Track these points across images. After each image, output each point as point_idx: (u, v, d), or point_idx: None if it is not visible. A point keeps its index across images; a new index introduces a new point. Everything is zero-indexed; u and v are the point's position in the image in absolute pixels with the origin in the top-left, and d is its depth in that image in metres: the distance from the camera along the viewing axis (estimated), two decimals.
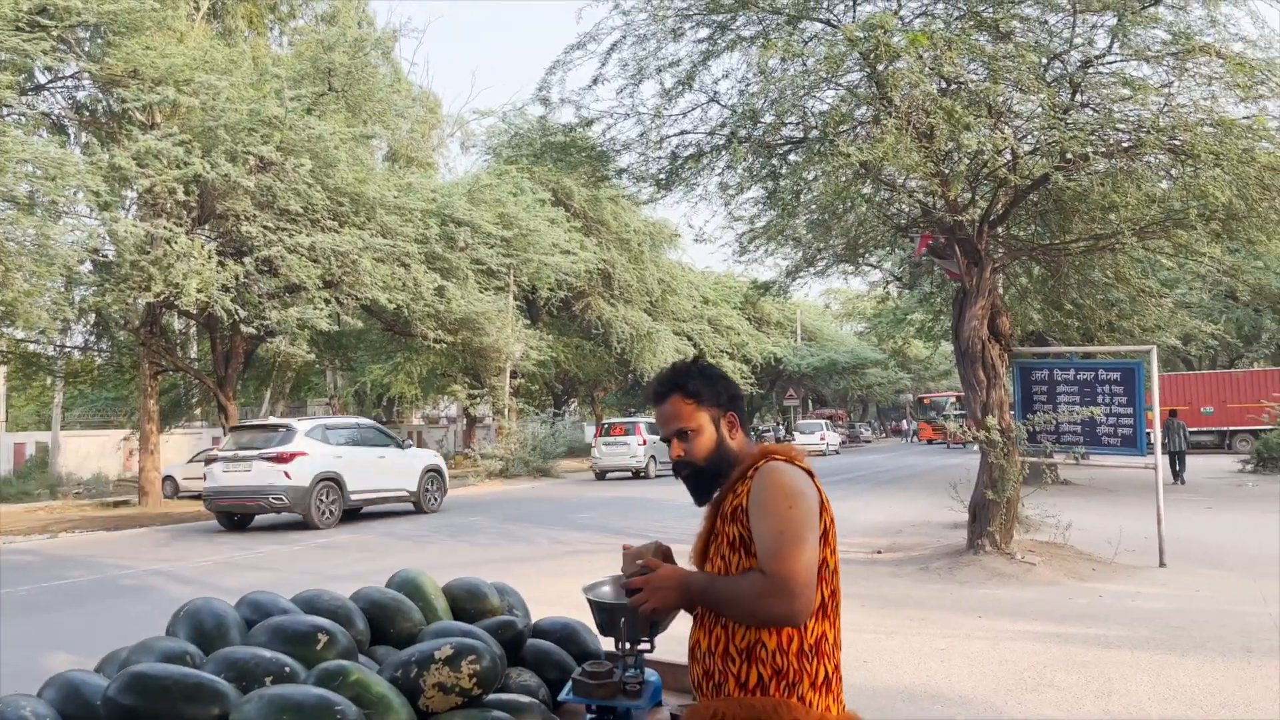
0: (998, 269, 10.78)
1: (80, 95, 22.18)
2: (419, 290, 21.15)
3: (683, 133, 10.74)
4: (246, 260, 18.77)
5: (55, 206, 15.92)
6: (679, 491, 2.30)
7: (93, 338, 24.22)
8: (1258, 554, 10.20)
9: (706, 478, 2.10)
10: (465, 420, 36.93)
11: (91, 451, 31.00)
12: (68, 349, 24.12)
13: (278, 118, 18.52)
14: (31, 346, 22.64)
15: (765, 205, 11.70)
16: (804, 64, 9.07)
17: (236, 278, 18.46)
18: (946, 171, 9.36)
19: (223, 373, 23.17)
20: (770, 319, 47.59)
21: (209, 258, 18.32)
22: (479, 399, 29.69)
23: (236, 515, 16.06)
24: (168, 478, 25.44)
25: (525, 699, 1.80)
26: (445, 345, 24.41)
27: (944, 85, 8.93)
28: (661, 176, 11.31)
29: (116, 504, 23.08)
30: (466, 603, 2.46)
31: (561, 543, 12.52)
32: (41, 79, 20.39)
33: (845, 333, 57.75)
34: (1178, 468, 20.67)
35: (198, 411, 31.48)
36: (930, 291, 17.79)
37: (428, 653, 1.74)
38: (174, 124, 18.98)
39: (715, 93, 10.27)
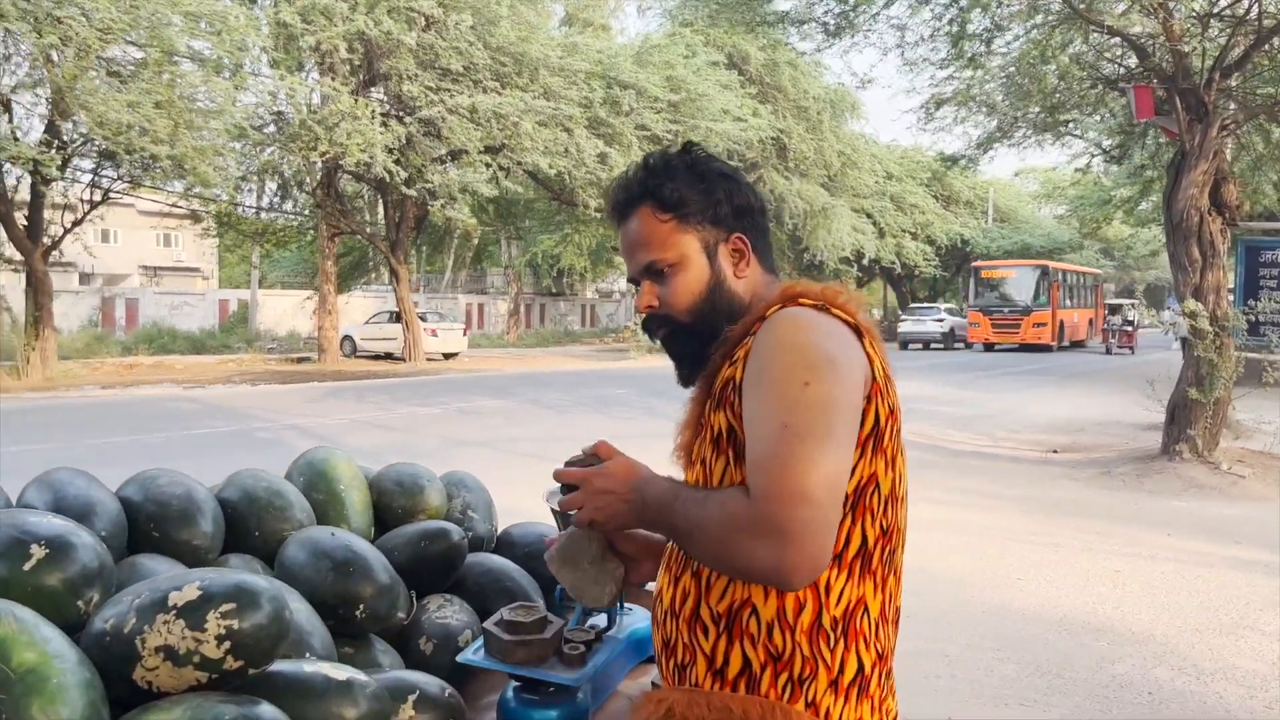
0: (1226, 128, 9.00)
1: None
2: (581, 157, 20.48)
3: None
4: (409, 121, 18.62)
5: (221, 62, 16.01)
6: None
7: (277, 199, 25.05)
8: None
9: (694, 339, 1.27)
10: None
11: (287, 310, 32.71)
12: (255, 209, 25.05)
13: None
14: (222, 206, 23.53)
15: (950, 61, 10.24)
16: None
17: (399, 139, 18.37)
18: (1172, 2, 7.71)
19: (394, 237, 23.55)
20: (959, 198, 44.14)
21: (372, 117, 18.25)
22: None
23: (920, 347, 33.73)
24: (346, 337, 26.47)
25: (345, 675, 1.05)
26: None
27: None
28: (829, 21, 10.01)
29: (299, 360, 24.20)
30: (396, 498, 1.76)
31: None
32: None
33: (1043, 216, 53.19)
34: None
35: (373, 275, 32.51)
36: (1141, 164, 15.43)
37: (160, 595, 1.04)
38: None
39: None
